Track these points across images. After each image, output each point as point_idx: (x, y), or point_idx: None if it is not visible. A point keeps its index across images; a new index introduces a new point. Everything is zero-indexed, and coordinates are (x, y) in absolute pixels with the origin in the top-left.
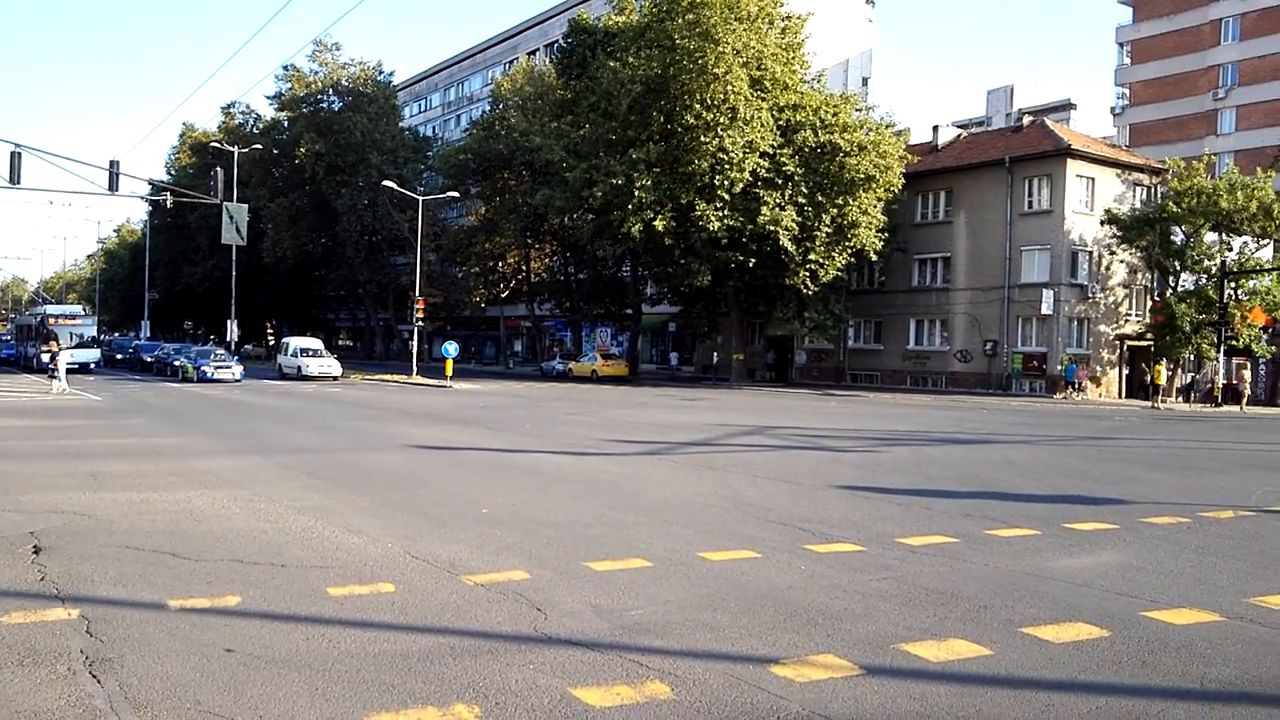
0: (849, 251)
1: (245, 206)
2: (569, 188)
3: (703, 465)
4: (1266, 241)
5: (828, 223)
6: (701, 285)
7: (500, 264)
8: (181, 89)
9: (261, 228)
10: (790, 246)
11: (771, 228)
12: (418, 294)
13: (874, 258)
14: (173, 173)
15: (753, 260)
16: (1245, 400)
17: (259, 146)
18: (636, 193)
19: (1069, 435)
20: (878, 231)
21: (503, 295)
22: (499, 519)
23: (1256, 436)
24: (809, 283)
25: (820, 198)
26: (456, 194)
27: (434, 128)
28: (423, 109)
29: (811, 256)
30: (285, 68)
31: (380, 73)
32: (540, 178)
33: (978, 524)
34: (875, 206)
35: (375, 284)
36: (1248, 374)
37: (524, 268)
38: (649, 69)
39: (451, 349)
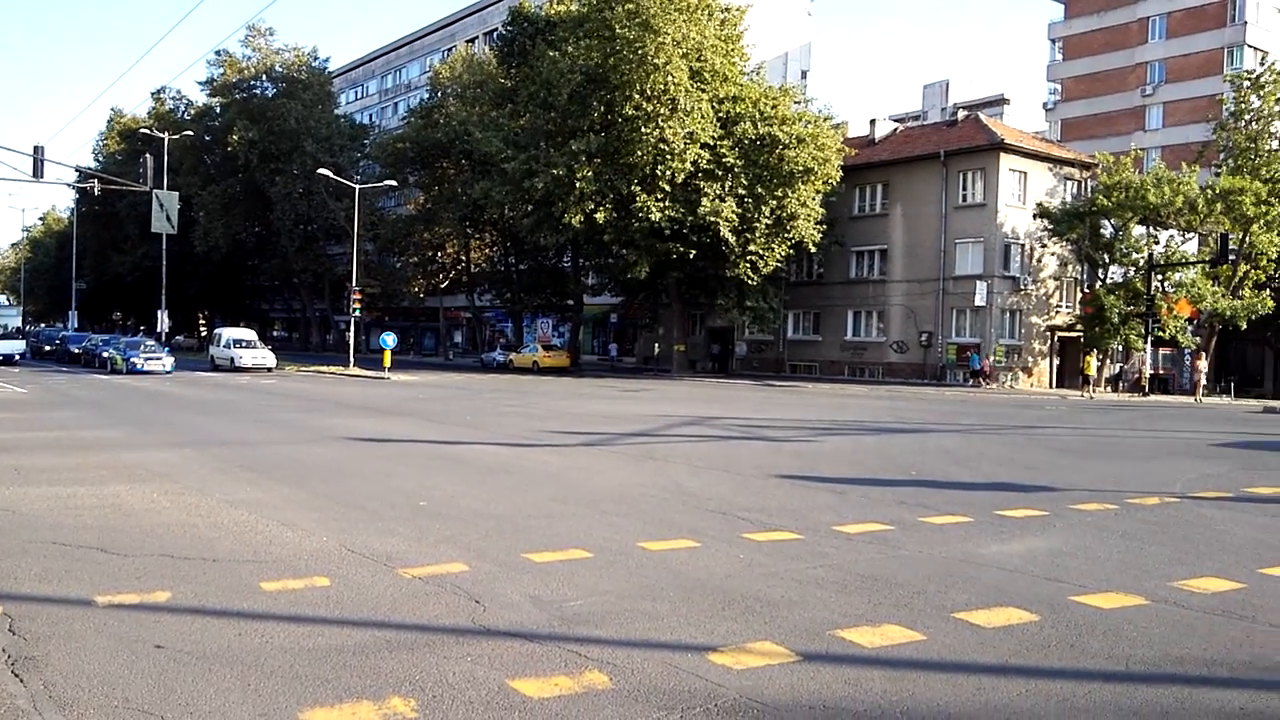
0: (788, 243)
1: (176, 194)
2: (509, 179)
3: (644, 456)
4: (1191, 235)
5: (767, 214)
6: (641, 277)
7: (439, 254)
8: (109, 73)
9: (193, 216)
10: (730, 238)
11: (712, 219)
12: (354, 284)
13: (813, 250)
14: (101, 159)
15: (693, 251)
16: (1200, 392)
17: (190, 133)
18: (577, 184)
19: (1001, 424)
20: (816, 224)
21: (442, 286)
22: (437, 511)
23: (1181, 425)
24: (749, 274)
25: (760, 189)
26: (394, 183)
27: (371, 115)
28: (359, 96)
29: (751, 248)
30: (217, 53)
31: (315, 59)
32: (480, 168)
33: (912, 512)
34: (814, 199)
35: (311, 274)
36: (1203, 364)
37: (464, 258)
38: (589, 59)
39: (389, 340)
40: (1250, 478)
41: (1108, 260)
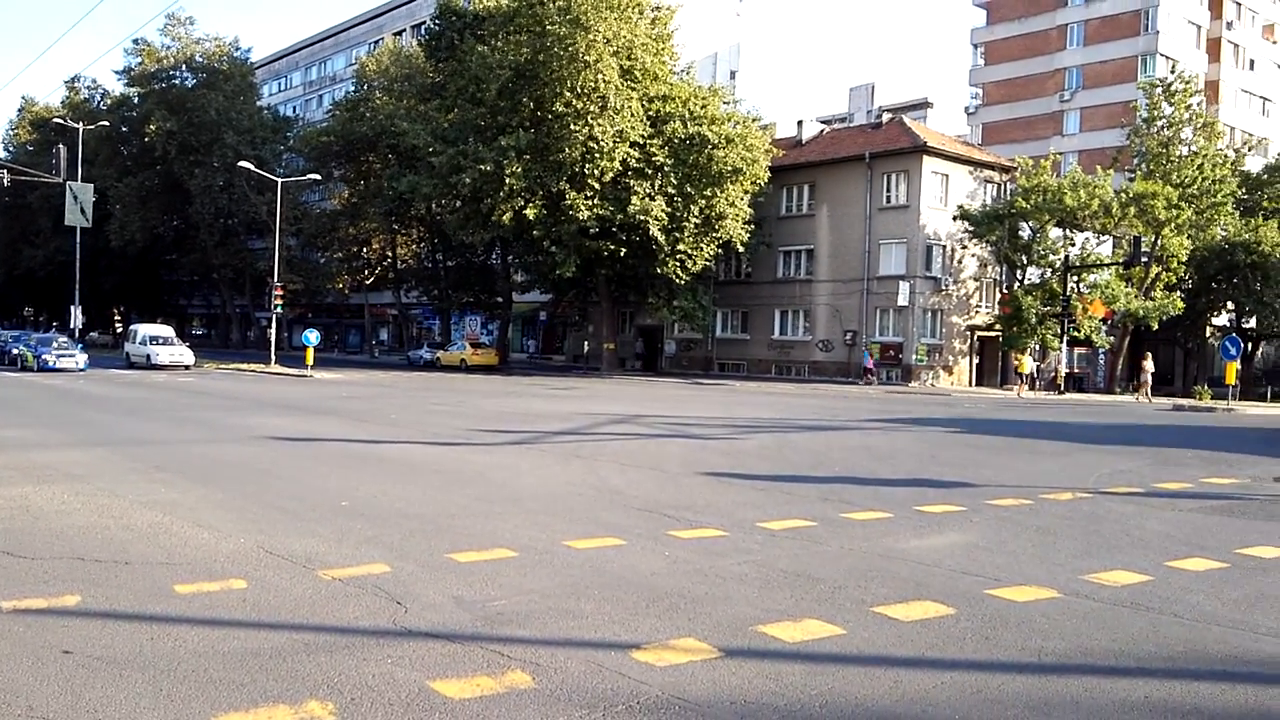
0: (717, 242)
1: (91, 186)
2: (436, 174)
3: (571, 454)
4: (1106, 238)
5: (696, 214)
6: (570, 275)
7: (365, 250)
8: (19, 59)
9: (109, 209)
10: (660, 236)
11: (642, 217)
12: (276, 280)
13: (741, 249)
14: (11, 149)
15: (623, 250)
16: (1143, 389)
17: (106, 124)
18: (507, 180)
19: (922, 421)
20: (744, 223)
21: (367, 282)
22: (359, 511)
23: (1096, 421)
24: (678, 273)
25: (689, 189)
26: (318, 177)
27: (294, 108)
28: (282, 88)
29: (680, 247)
30: (135, 41)
31: (237, 49)
32: (406, 162)
33: (835, 508)
34: (742, 199)
35: (231, 269)
36: (1149, 364)
37: (390, 254)
38: (519, 54)
39: (312, 337)
40: (1160, 473)
41: (1025, 262)
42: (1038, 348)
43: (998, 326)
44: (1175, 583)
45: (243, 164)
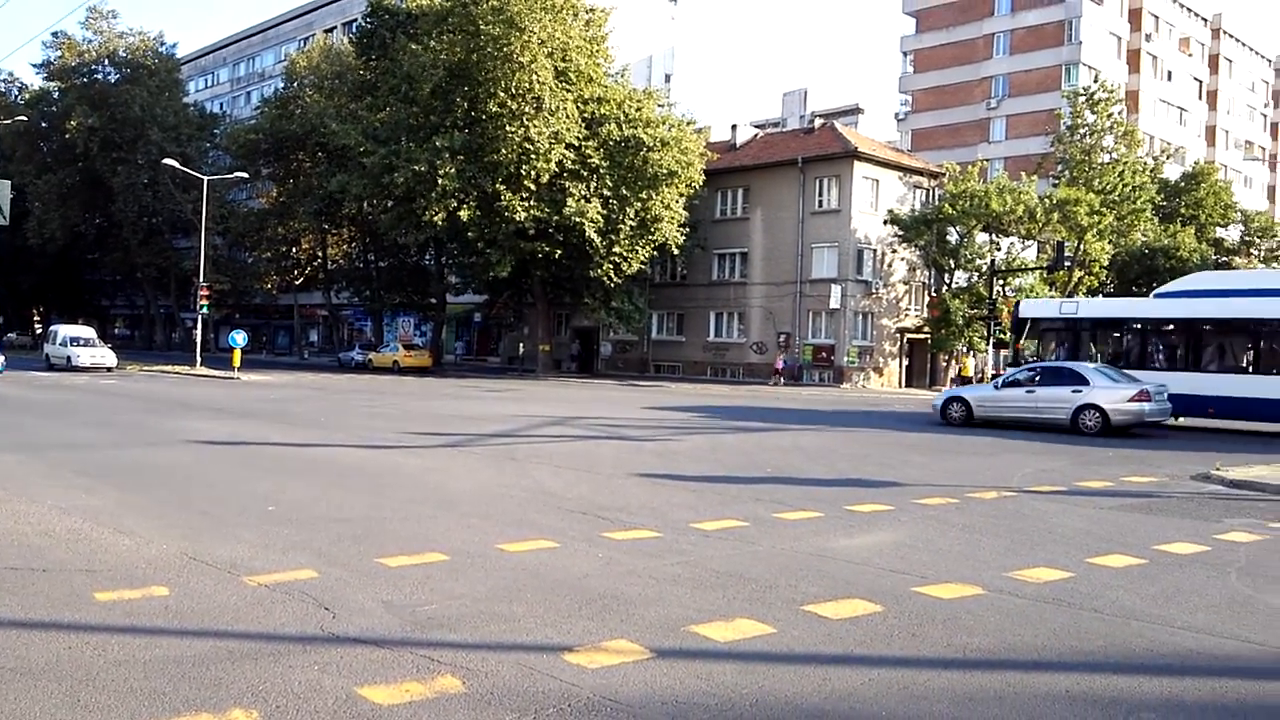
0: (652, 245)
1: (8, 183)
2: (368, 173)
3: (505, 457)
4: (1030, 242)
5: (632, 216)
6: (504, 276)
7: (294, 249)
8: None
9: (27, 206)
10: (596, 238)
11: (577, 219)
12: (202, 280)
13: (676, 252)
14: None
15: (559, 251)
16: None
17: (24, 118)
18: (440, 180)
19: (852, 423)
20: (679, 226)
21: (297, 282)
22: (287, 516)
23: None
24: (614, 275)
25: (625, 191)
26: (245, 175)
27: (221, 105)
28: (209, 84)
29: (616, 249)
30: (55, 34)
31: (162, 44)
32: (337, 161)
33: (767, 508)
34: (677, 201)
35: (155, 268)
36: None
37: (320, 254)
38: (452, 54)
39: (239, 338)
40: (1081, 472)
41: (953, 265)
42: (965, 350)
43: (927, 329)
44: (1096, 579)
45: (168, 161)
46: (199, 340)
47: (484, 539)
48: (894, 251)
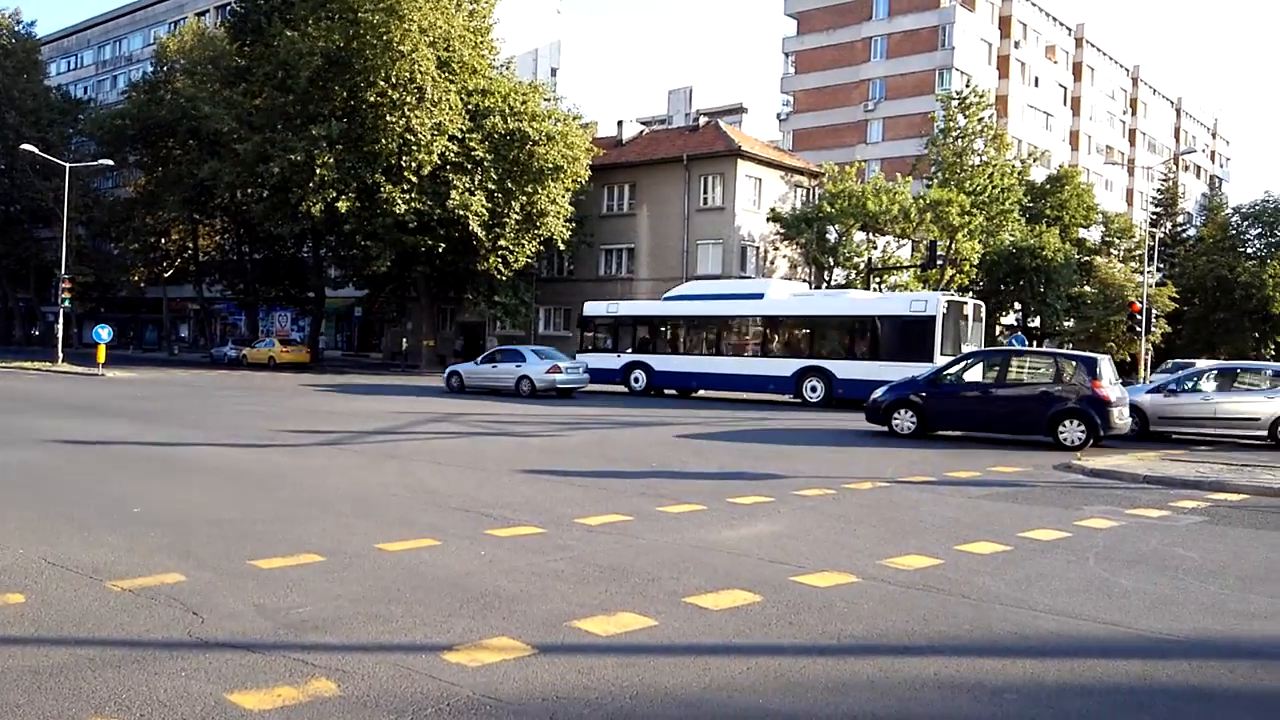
0: (538, 239)
1: None
2: (241, 161)
3: (386, 454)
4: (905, 241)
5: (517, 210)
6: (385, 270)
7: (163, 240)
8: None
9: None
10: (480, 232)
11: (461, 212)
12: (64, 272)
13: (562, 247)
14: None
15: (442, 245)
16: None
17: None
18: (317, 170)
19: (726, 417)
20: (566, 221)
21: (166, 275)
22: (154, 518)
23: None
24: (499, 269)
25: (510, 185)
26: (111, 162)
27: (86, 89)
28: (72, 67)
29: (501, 243)
30: None
31: (19, 23)
32: (209, 149)
33: (651, 502)
34: (563, 196)
35: (13, 260)
36: None
37: (190, 245)
38: (330, 41)
39: (104, 333)
40: (951, 463)
41: (832, 263)
42: None
43: None
44: (964, 565)
45: (26, 147)
46: (61, 335)
47: (362, 539)
48: (776, 249)
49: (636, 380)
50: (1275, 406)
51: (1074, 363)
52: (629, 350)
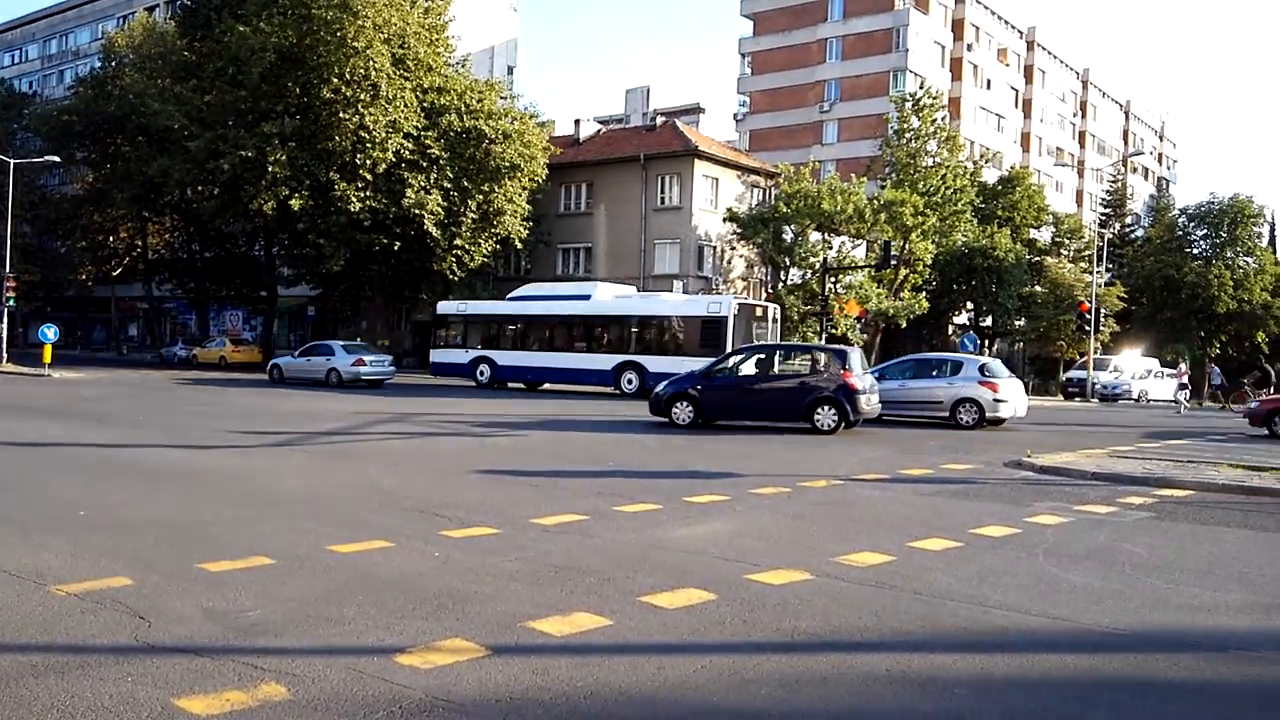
0: (495, 239)
1: None
2: (192, 158)
3: (339, 455)
4: (860, 241)
5: (474, 209)
6: (339, 269)
7: (111, 238)
8: None
9: None
10: (436, 231)
11: (416, 211)
12: (9, 270)
13: (519, 246)
14: None
15: (397, 244)
16: None
17: None
18: (270, 168)
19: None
20: (523, 220)
21: (115, 273)
22: (100, 521)
23: None
24: (455, 268)
25: (466, 183)
26: (58, 159)
27: (31, 83)
28: (16, 61)
29: (458, 242)
30: None
31: None
32: (159, 145)
33: (607, 501)
34: (520, 195)
35: None
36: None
37: (140, 243)
38: (283, 37)
39: (50, 333)
40: (904, 461)
41: (789, 263)
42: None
43: None
44: (916, 562)
45: None
46: (5, 335)
47: (314, 541)
48: (733, 249)
49: (482, 374)
50: (954, 391)
51: (827, 355)
52: (477, 346)
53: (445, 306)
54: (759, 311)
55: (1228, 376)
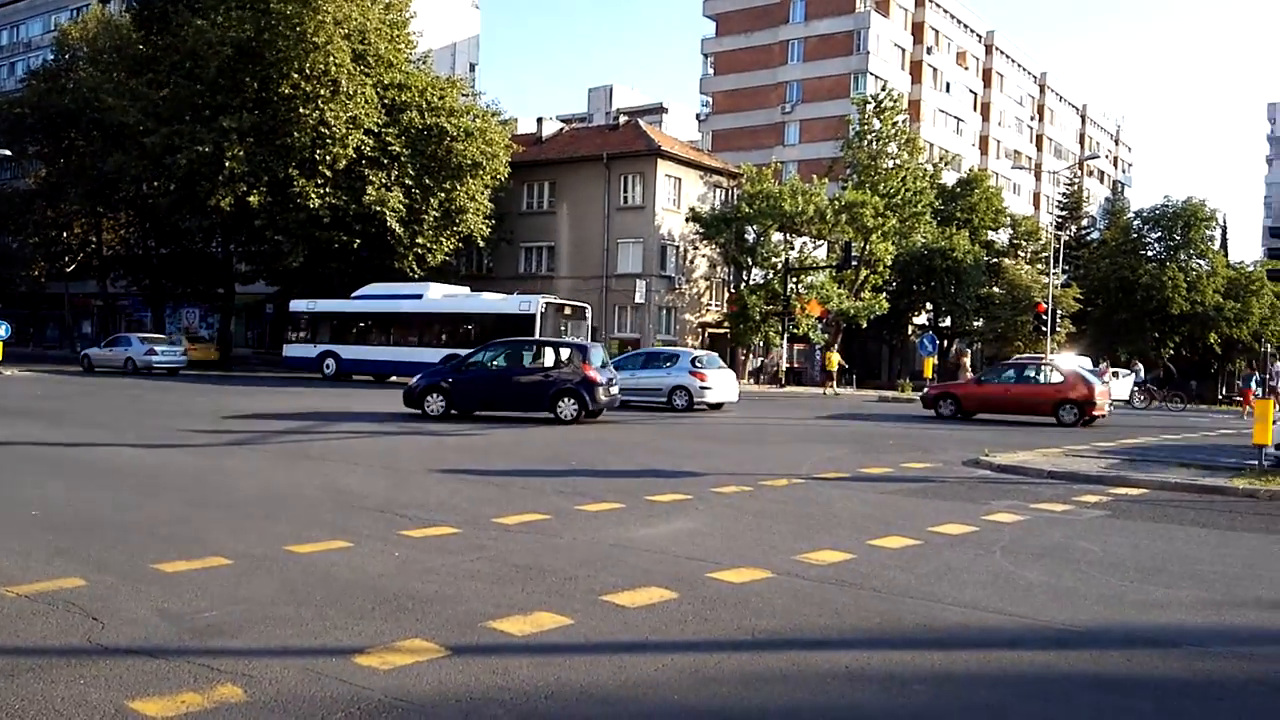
0: (457, 237)
1: None
2: (147, 153)
3: (298, 454)
4: (821, 242)
5: (435, 206)
6: (298, 266)
7: (65, 234)
8: None
9: None
10: (398, 229)
11: (378, 208)
12: None
13: (482, 244)
14: None
15: (358, 241)
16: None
17: None
18: (227, 163)
19: (648, 418)
20: (485, 218)
21: (68, 270)
22: (52, 521)
23: (790, 412)
24: (417, 266)
25: (428, 181)
26: (9, 153)
27: None
28: None
29: (419, 240)
30: None
31: None
32: (114, 140)
33: (570, 500)
34: (482, 193)
35: None
36: (967, 360)
37: (94, 239)
38: (240, 31)
39: (1, 330)
40: (864, 459)
41: (751, 263)
42: (761, 344)
43: (726, 324)
44: (875, 559)
45: None
46: None
47: (271, 541)
48: (696, 248)
49: (328, 367)
50: (671, 380)
51: (570, 350)
52: (325, 341)
53: (297, 304)
54: (568, 310)
55: (1184, 376)
